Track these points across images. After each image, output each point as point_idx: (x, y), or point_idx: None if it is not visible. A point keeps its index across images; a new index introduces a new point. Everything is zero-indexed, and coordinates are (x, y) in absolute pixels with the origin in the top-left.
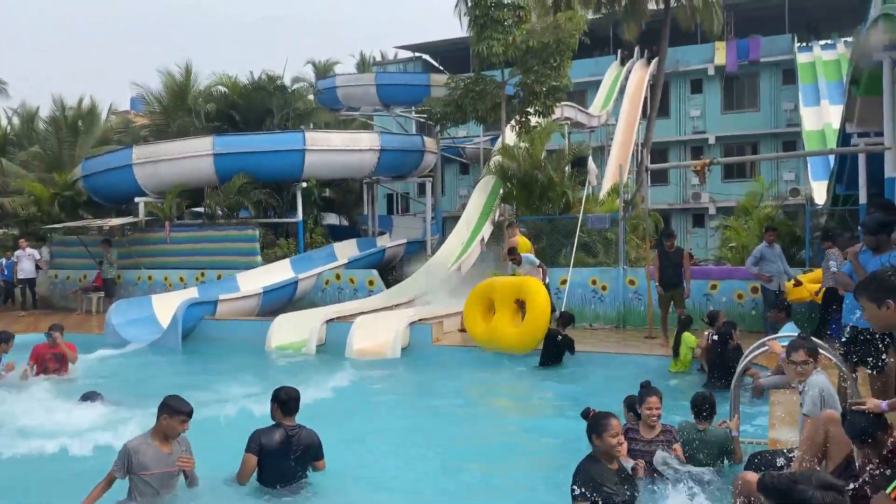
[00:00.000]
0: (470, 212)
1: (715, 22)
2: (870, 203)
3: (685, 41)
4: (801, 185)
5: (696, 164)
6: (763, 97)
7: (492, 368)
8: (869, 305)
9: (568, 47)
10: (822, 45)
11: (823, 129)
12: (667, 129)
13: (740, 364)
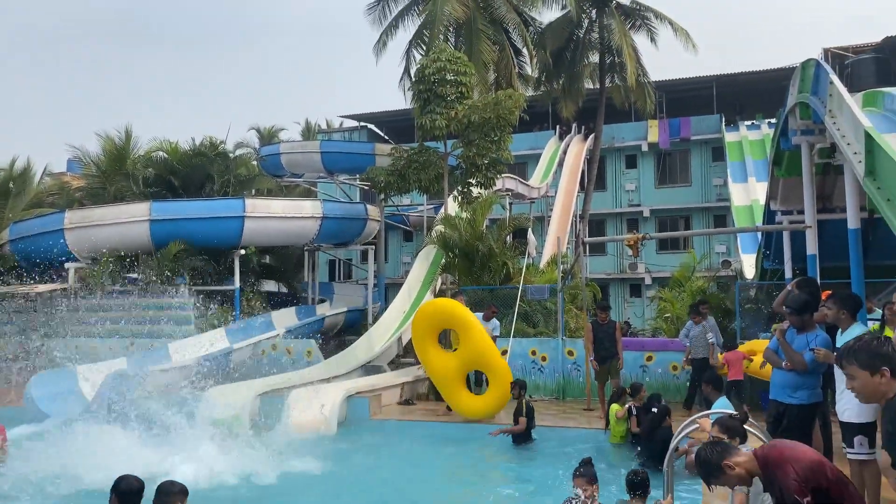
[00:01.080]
0: (411, 281)
1: (648, 101)
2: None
3: (620, 119)
4: (732, 258)
5: (629, 239)
6: (694, 173)
7: (431, 443)
8: (861, 374)
9: (508, 122)
10: (748, 126)
11: (751, 204)
12: (604, 201)
13: (673, 442)
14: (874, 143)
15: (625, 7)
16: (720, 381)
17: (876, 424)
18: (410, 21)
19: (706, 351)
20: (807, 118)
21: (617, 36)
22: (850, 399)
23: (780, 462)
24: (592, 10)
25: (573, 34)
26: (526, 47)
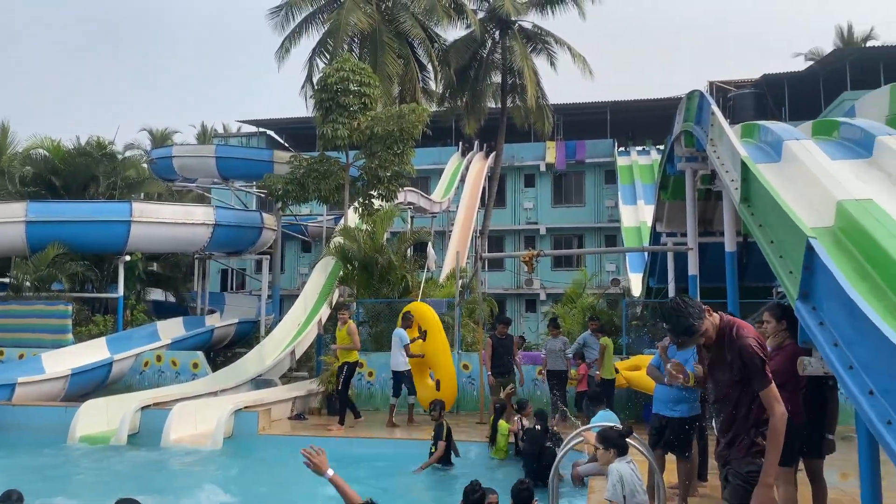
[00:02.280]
0: (308, 292)
1: (546, 124)
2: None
3: (520, 138)
4: (621, 276)
5: (524, 255)
6: (588, 194)
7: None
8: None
9: (411, 136)
10: (639, 151)
11: (640, 225)
12: (503, 218)
13: (559, 455)
14: (749, 171)
15: (527, 30)
16: (600, 396)
17: None
18: (314, 29)
19: (563, 363)
20: (691, 146)
21: (518, 58)
22: None
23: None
24: (496, 31)
25: (477, 53)
26: (431, 63)
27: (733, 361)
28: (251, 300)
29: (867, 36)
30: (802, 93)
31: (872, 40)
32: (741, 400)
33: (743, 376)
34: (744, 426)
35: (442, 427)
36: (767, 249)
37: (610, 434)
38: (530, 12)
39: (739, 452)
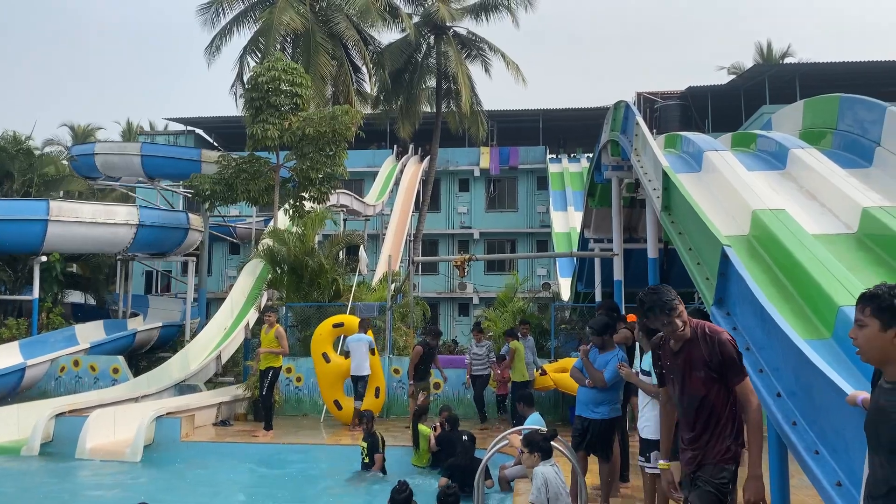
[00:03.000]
0: (235, 295)
1: (480, 129)
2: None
3: (455, 143)
4: (552, 280)
5: (456, 259)
6: (521, 199)
7: (245, 466)
8: (872, 322)
9: (344, 138)
10: (569, 158)
11: (570, 231)
12: (437, 222)
13: (485, 458)
14: (670, 181)
15: (461, 37)
16: (531, 398)
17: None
18: (245, 27)
19: (487, 368)
20: (617, 155)
21: (453, 63)
22: (649, 417)
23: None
24: (431, 35)
25: (412, 57)
26: (365, 65)
27: (711, 358)
28: (176, 303)
29: (785, 53)
30: (725, 105)
31: (790, 57)
32: (717, 399)
33: (720, 373)
34: (718, 428)
35: (376, 438)
36: (686, 256)
37: (535, 437)
38: (465, 19)
39: (713, 457)
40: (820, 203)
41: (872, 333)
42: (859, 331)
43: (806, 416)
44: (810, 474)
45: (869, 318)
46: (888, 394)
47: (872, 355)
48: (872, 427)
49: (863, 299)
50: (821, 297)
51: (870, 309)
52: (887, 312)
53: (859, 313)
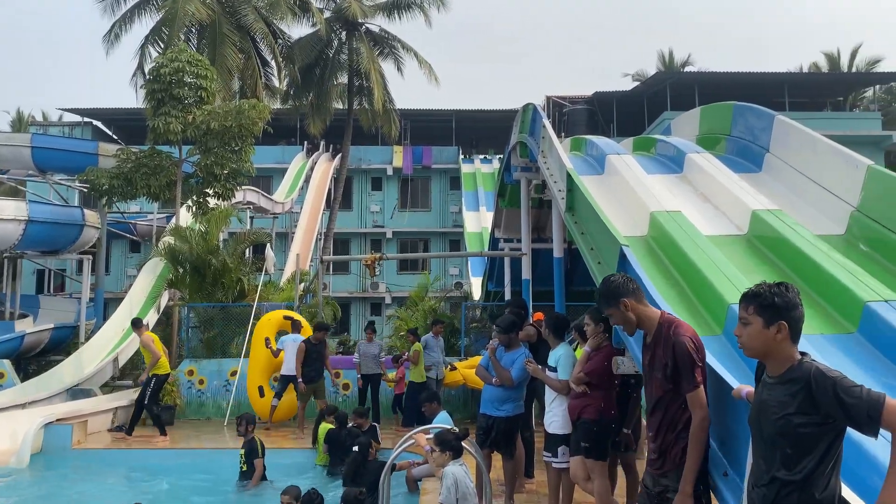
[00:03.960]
0: (134, 295)
1: (393, 128)
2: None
3: (368, 141)
4: (464, 280)
5: (366, 259)
6: (434, 199)
7: (140, 474)
8: (755, 320)
9: (250, 133)
10: (482, 159)
11: (482, 231)
12: (349, 221)
13: (391, 458)
14: (574, 182)
15: (374, 34)
16: (438, 396)
17: None
18: (147, 15)
19: (377, 367)
20: (525, 156)
21: (365, 60)
22: (556, 412)
23: (680, 326)
24: (342, 31)
25: (323, 53)
26: (274, 59)
27: (666, 360)
28: (71, 303)
29: (686, 61)
30: (629, 110)
31: (690, 66)
32: (673, 403)
33: (674, 377)
34: (674, 433)
35: (255, 444)
36: (588, 256)
37: (447, 436)
38: (378, 16)
39: (672, 465)
40: (714, 206)
41: (756, 330)
42: (743, 328)
43: None
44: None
45: (752, 316)
46: (770, 388)
47: (756, 351)
48: (756, 420)
49: (746, 298)
50: (712, 295)
51: (753, 307)
52: (769, 310)
53: (743, 311)
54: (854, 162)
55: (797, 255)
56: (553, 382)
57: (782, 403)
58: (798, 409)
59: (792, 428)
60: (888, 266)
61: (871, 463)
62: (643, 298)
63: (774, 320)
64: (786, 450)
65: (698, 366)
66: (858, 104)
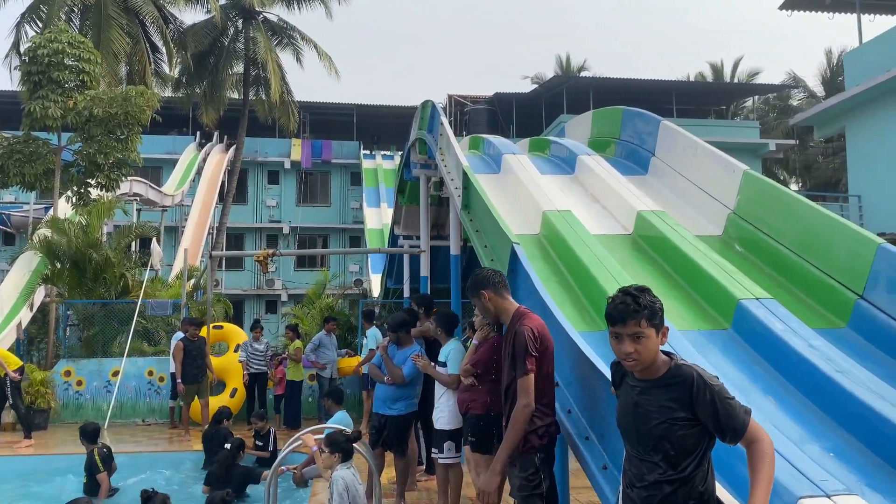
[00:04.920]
0: (5, 292)
1: (291, 120)
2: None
3: (265, 133)
4: (364, 277)
5: (258, 255)
6: (334, 194)
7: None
8: (650, 331)
9: (138, 121)
10: (383, 155)
11: (382, 228)
12: (244, 215)
13: (279, 458)
14: (469, 180)
15: (272, 23)
16: (340, 395)
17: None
18: None
19: (264, 365)
20: (424, 153)
21: (263, 50)
22: (444, 408)
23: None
24: (239, 19)
25: (218, 41)
26: (165, 45)
27: (510, 350)
28: None
29: (582, 67)
30: (528, 112)
31: (586, 71)
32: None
33: (515, 366)
34: None
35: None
36: (482, 253)
37: (338, 438)
38: (276, 5)
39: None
40: (602, 206)
41: (653, 343)
42: (638, 343)
43: (579, 404)
44: (581, 459)
45: (647, 329)
46: (646, 392)
47: (649, 363)
48: (629, 423)
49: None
50: (598, 291)
51: (644, 320)
52: (657, 317)
53: (635, 327)
54: (731, 167)
55: (677, 255)
56: (443, 377)
57: (664, 408)
58: (681, 413)
59: (675, 432)
60: (761, 266)
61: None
62: (504, 292)
63: (661, 326)
64: (669, 452)
65: (532, 355)
66: (739, 113)
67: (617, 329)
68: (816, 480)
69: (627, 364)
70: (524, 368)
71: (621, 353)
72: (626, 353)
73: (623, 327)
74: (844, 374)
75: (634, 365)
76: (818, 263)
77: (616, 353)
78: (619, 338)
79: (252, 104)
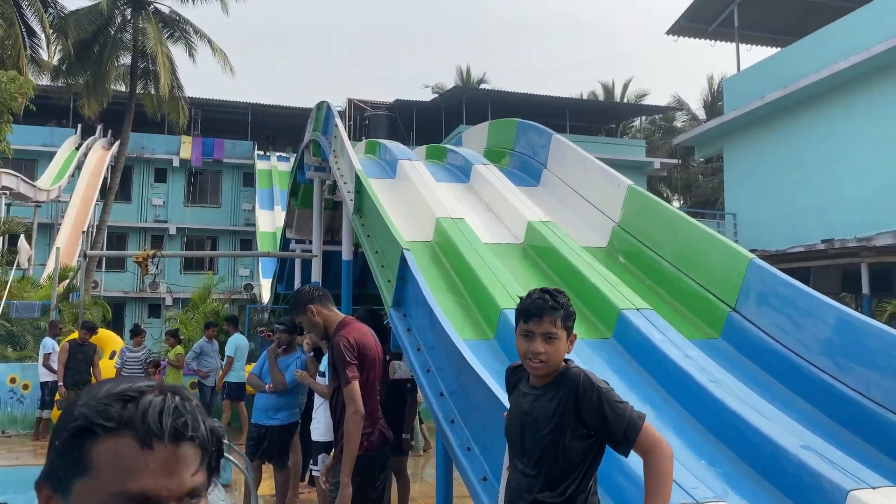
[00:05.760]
0: None
1: (181, 116)
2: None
3: (153, 129)
4: (254, 282)
5: (137, 256)
6: (225, 195)
7: None
8: (562, 333)
9: (9, 110)
10: (279, 156)
11: (276, 231)
12: (127, 214)
13: None
14: (362, 184)
15: (164, 14)
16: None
17: None
18: None
19: (142, 373)
20: (318, 155)
21: (152, 42)
22: (320, 420)
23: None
24: (127, 8)
25: (104, 29)
26: (43, 30)
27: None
28: None
29: (481, 79)
30: (428, 120)
31: (485, 83)
32: (337, 400)
33: (337, 375)
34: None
35: None
36: (372, 259)
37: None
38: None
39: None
40: (495, 215)
41: (563, 345)
42: (549, 344)
43: (463, 414)
44: (462, 471)
45: (560, 330)
46: (537, 400)
47: (554, 367)
48: (518, 432)
49: (546, 310)
50: (487, 300)
51: (559, 320)
52: (570, 320)
53: (550, 325)
54: (617, 182)
55: (564, 265)
56: (321, 388)
57: (549, 416)
58: (565, 419)
59: (560, 444)
60: (642, 277)
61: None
62: (329, 304)
63: (571, 332)
64: (552, 468)
65: (350, 363)
66: (628, 132)
67: (531, 326)
68: (688, 488)
69: (533, 365)
70: (346, 377)
71: (530, 351)
72: (536, 352)
73: (538, 323)
74: (717, 383)
75: (540, 368)
76: (695, 276)
77: (522, 352)
78: (529, 336)
79: (140, 98)
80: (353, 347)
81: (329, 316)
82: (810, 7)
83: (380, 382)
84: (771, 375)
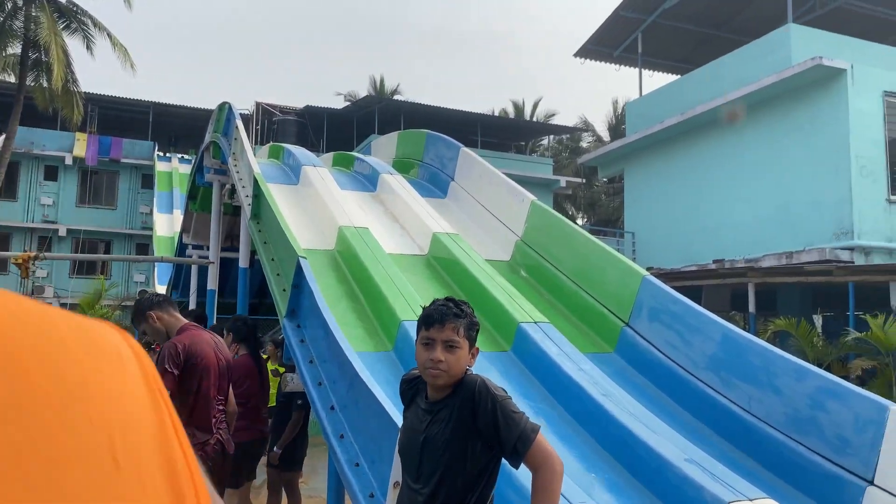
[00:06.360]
0: None
1: (76, 112)
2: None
3: (44, 125)
4: (150, 287)
5: (17, 257)
6: (121, 196)
7: None
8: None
9: None
10: (180, 158)
11: (174, 236)
12: (12, 213)
13: None
14: (260, 188)
15: (59, 4)
16: None
17: None
18: None
19: None
20: (218, 158)
21: (46, 32)
22: None
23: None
24: None
25: None
26: None
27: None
28: None
29: (395, 90)
30: (339, 128)
31: (399, 94)
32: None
33: None
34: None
35: None
36: (268, 267)
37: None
38: None
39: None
40: (401, 225)
41: (464, 356)
42: (450, 353)
43: (353, 429)
44: (349, 487)
45: (462, 339)
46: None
47: (454, 379)
48: (415, 452)
49: (448, 317)
50: (387, 311)
51: (462, 328)
52: (473, 331)
53: (452, 333)
54: (521, 196)
55: (467, 277)
56: None
57: (448, 436)
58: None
59: (459, 464)
60: (542, 291)
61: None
62: (170, 309)
63: (473, 344)
64: (451, 488)
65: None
66: (536, 150)
67: (432, 332)
68: (576, 502)
69: (432, 373)
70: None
71: (429, 360)
72: (436, 360)
73: (440, 330)
74: (608, 397)
75: (439, 376)
76: (591, 291)
77: (422, 362)
78: (430, 344)
79: (29, 90)
80: (178, 355)
81: (171, 321)
82: (706, 39)
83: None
84: (660, 389)
